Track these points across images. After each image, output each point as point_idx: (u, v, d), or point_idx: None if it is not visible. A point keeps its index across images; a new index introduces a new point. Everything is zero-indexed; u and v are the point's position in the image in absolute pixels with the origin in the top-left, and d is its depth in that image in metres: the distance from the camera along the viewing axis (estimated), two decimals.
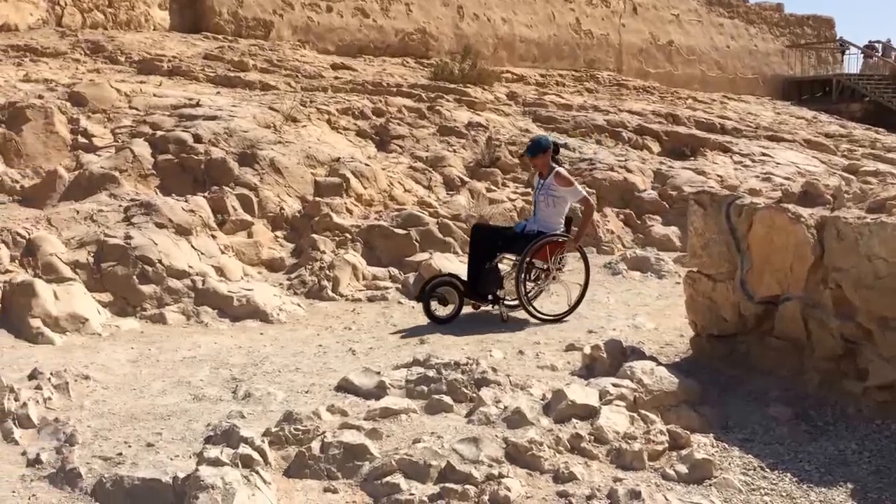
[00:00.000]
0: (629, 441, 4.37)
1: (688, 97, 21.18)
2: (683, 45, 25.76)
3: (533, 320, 7.22)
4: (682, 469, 4.18)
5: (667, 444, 4.40)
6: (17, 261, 7.37)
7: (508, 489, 3.89)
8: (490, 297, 7.24)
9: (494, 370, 5.34)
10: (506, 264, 7.41)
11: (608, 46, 24.79)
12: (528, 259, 7.11)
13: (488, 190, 11.32)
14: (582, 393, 4.82)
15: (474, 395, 5.00)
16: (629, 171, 12.53)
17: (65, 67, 13.65)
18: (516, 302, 7.25)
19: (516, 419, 4.58)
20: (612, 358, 5.53)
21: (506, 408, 4.72)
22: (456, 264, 8.40)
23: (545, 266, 7.29)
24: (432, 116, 13.80)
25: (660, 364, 5.28)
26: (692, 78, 25.33)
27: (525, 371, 5.63)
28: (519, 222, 8.03)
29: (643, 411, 4.71)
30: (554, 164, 7.46)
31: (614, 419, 4.57)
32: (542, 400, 4.90)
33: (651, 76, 24.46)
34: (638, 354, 5.62)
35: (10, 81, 12.02)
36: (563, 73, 22.27)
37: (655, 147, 14.69)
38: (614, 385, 4.93)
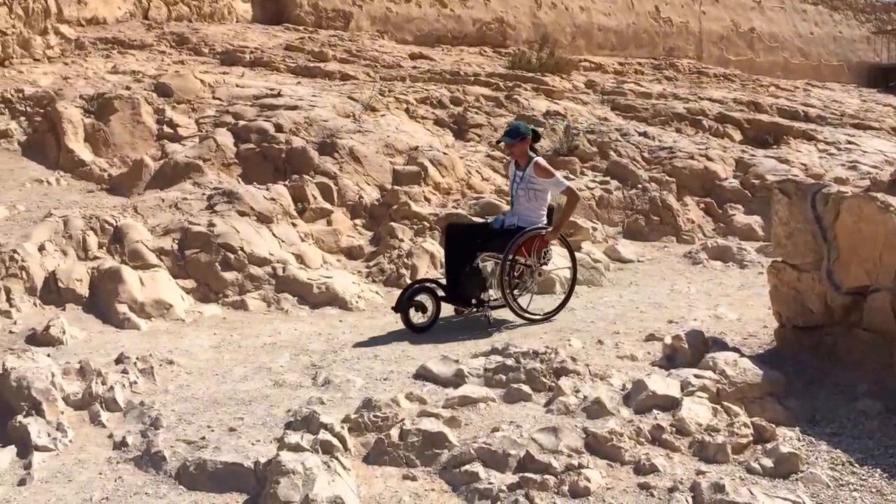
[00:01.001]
0: (712, 433, 4.23)
1: (770, 84, 20.53)
2: (765, 31, 24.98)
3: (530, 316, 6.79)
4: (768, 463, 4.02)
5: (751, 438, 4.25)
6: (104, 247, 7.60)
7: (588, 480, 3.81)
8: (474, 300, 6.67)
9: (573, 359, 5.25)
10: (487, 263, 6.80)
11: (688, 34, 24.23)
12: (510, 257, 6.58)
13: (566, 178, 11.15)
14: (663, 384, 4.70)
15: (553, 384, 4.93)
16: (710, 159, 12.21)
17: (151, 59, 14.05)
18: (501, 302, 6.72)
19: (596, 409, 4.49)
20: (694, 349, 5.38)
21: (585, 397, 4.64)
22: None
23: (529, 262, 6.76)
24: (510, 105, 13.71)
25: (743, 355, 5.11)
26: (775, 65, 24.57)
27: (604, 361, 5.52)
28: (497, 217, 7.32)
29: (726, 403, 4.56)
30: (532, 154, 6.87)
31: (696, 411, 4.43)
32: (622, 390, 4.79)
33: (732, 63, 23.82)
34: (720, 345, 5.46)
35: (98, 73, 12.44)
36: (642, 62, 21.87)
37: (737, 135, 14.29)
38: (696, 376, 4.79)
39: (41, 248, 7.16)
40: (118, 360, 5.65)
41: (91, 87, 11.49)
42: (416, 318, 6.57)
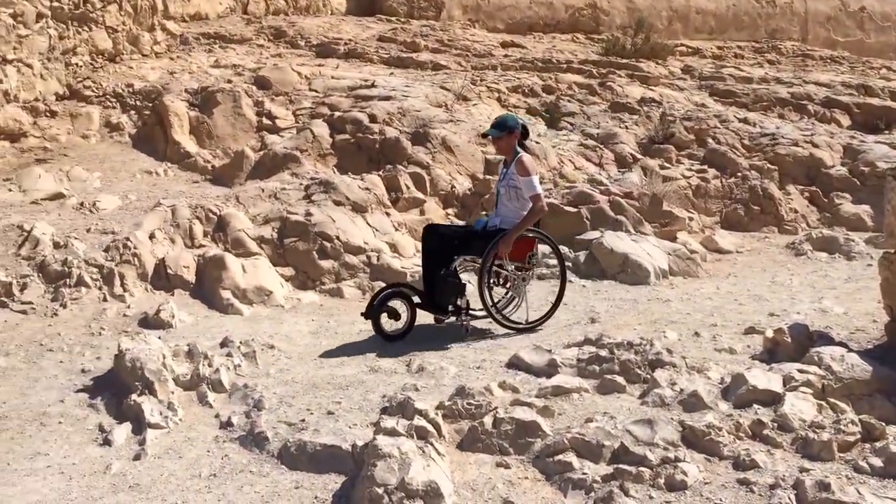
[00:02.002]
0: (817, 430, 4.11)
1: (881, 67, 19.56)
2: (877, 10, 23.82)
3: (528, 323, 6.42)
4: (877, 462, 3.89)
5: (859, 436, 4.11)
6: (209, 236, 7.89)
7: (685, 473, 3.77)
8: (451, 308, 6.19)
9: (669, 351, 5.18)
10: (466, 268, 6.42)
11: (792, 15, 23.33)
12: (490, 261, 6.15)
13: (662, 167, 10.96)
14: (764, 378, 4.59)
15: (648, 376, 4.88)
16: (815, 145, 11.75)
17: (250, 53, 14.45)
18: (483, 310, 6.30)
19: (693, 402, 4.43)
20: (797, 343, 5.23)
21: (682, 390, 4.58)
22: (627, 243, 8.21)
23: (515, 267, 6.32)
24: (603, 92, 13.53)
25: (850, 350, 4.93)
26: (887, 46, 23.42)
27: (701, 353, 5.42)
28: (479, 218, 6.79)
29: (832, 399, 4.42)
30: (520, 150, 6.39)
31: (800, 406, 4.31)
32: (721, 384, 4.70)
33: (840, 45, 22.81)
34: (826, 339, 5.28)
35: (202, 67, 12.89)
36: (742, 45, 21.19)
37: (845, 120, 13.70)
38: (800, 371, 4.66)
39: (151, 237, 7.51)
40: (223, 344, 5.89)
41: (195, 81, 11.92)
42: (389, 325, 6.17)
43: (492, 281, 6.21)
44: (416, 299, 6.25)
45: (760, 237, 9.96)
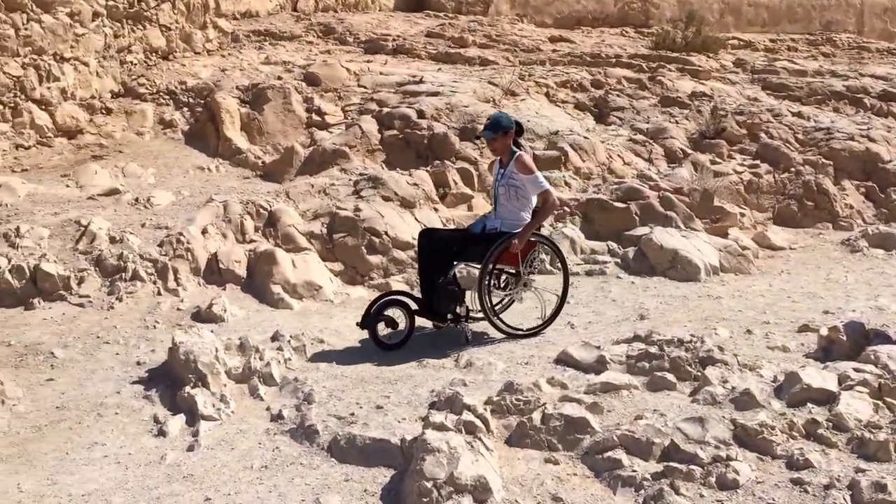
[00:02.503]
0: (873, 430, 4.03)
1: None
2: None
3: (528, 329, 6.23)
4: None
5: None
6: (260, 231, 7.99)
7: (737, 472, 3.73)
8: (450, 315, 6.00)
9: (720, 349, 5.12)
10: (464, 272, 6.13)
11: (847, 7, 22.79)
12: (490, 266, 5.93)
13: (713, 162, 10.81)
14: (818, 377, 4.51)
15: (699, 373, 4.83)
16: (872, 140, 11.47)
17: (300, 49, 14.59)
18: (482, 315, 6.10)
19: (745, 401, 4.37)
20: (853, 341, 5.13)
21: (733, 388, 4.52)
22: (678, 239, 8.11)
23: (515, 271, 6.10)
24: (653, 87, 13.37)
25: None
26: None
27: (754, 351, 5.35)
28: (476, 221, 6.52)
29: (889, 399, 4.33)
30: (515, 149, 6.18)
31: (856, 406, 4.23)
32: (773, 382, 4.64)
33: None
34: (882, 338, 5.17)
35: (252, 64, 13.05)
36: (796, 38, 20.76)
37: None
38: (856, 370, 4.58)
39: (204, 232, 7.63)
40: (273, 338, 5.97)
41: (246, 78, 12.08)
42: (386, 334, 5.98)
43: (492, 284, 6.02)
44: (414, 306, 6.06)
45: (814, 233, 9.77)
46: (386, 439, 4.35)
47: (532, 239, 6.11)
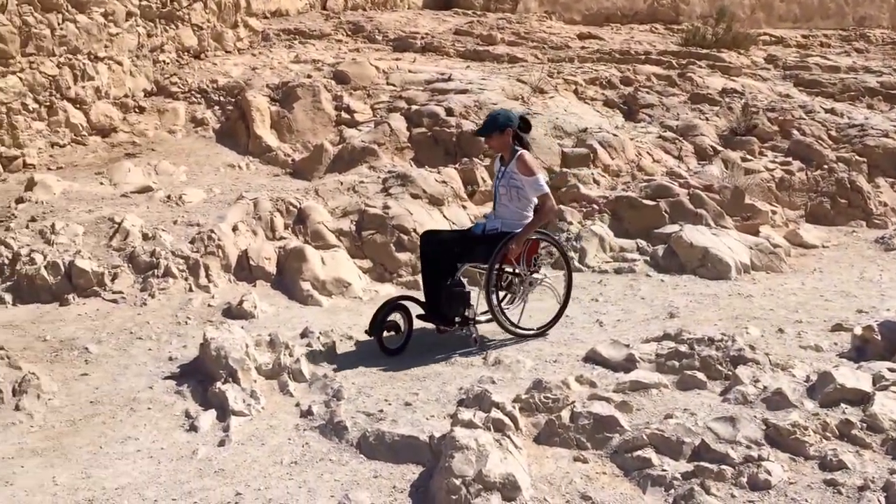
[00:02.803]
0: None
1: None
2: None
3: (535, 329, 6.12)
4: None
5: None
6: (289, 228, 8.05)
7: (769, 473, 3.69)
8: (458, 319, 5.82)
9: (752, 348, 5.07)
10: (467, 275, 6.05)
11: (881, 1, 22.43)
12: (496, 266, 5.78)
13: (743, 159, 10.70)
14: (852, 376, 4.45)
15: (730, 372, 4.79)
16: None
17: (329, 48, 14.66)
18: (488, 316, 6.00)
19: (777, 400, 4.32)
20: (888, 340, 5.06)
21: (765, 388, 4.47)
22: (708, 237, 8.04)
23: (518, 271, 5.94)
24: (683, 84, 13.26)
25: None
26: None
27: (786, 350, 5.29)
28: (477, 221, 6.31)
29: None
30: (517, 147, 5.94)
31: (891, 406, 4.16)
32: (806, 382, 4.58)
33: None
34: None
35: (282, 63, 13.14)
36: (829, 33, 20.48)
37: None
38: (890, 370, 4.52)
39: (234, 229, 7.70)
40: (303, 334, 6.01)
41: (276, 77, 12.16)
42: (389, 339, 5.86)
43: (499, 284, 5.87)
44: (419, 311, 5.94)
45: (848, 231, 9.65)
46: (414, 436, 4.36)
47: (536, 238, 5.99)
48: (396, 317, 5.87)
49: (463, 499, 3.67)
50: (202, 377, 5.39)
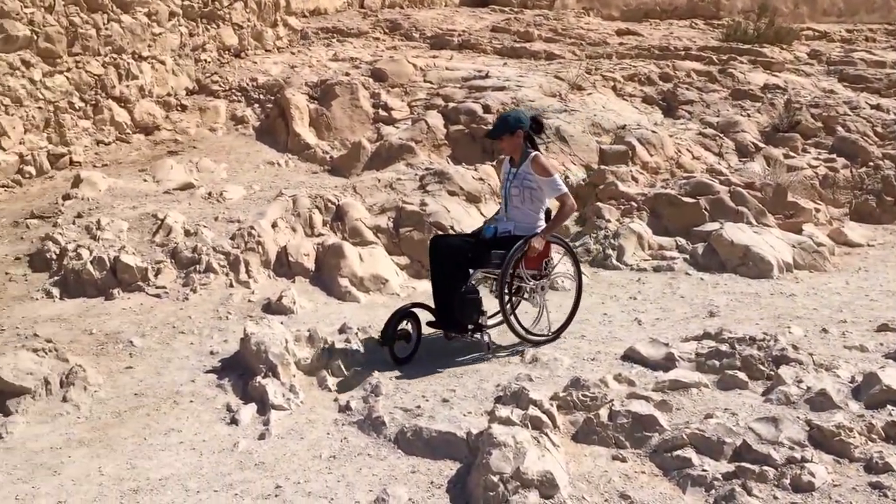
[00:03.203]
0: None
1: None
2: None
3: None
4: None
5: None
6: (328, 225, 8.12)
7: (812, 475, 3.64)
8: (471, 325, 5.68)
9: (795, 348, 5.00)
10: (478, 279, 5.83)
11: None
12: (511, 270, 5.61)
13: (786, 156, 10.54)
14: None
15: (772, 372, 4.73)
16: None
17: (367, 46, 14.73)
18: (497, 319, 5.89)
19: (820, 401, 4.26)
20: None
21: (808, 388, 4.41)
22: (749, 235, 7.94)
23: (531, 275, 5.77)
24: (724, 79, 13.10)
25: None
26: None
27: (829, 350, 5.21)
28: (487, 224, 6.02)
29: None
30: (530, 148, 5.81)
31: None
32: (851, 383, 4.51)
33: None
34: None
35: (321, 61, 13.24)
36: (874, 27, 20.07)
37: None
38: None
39: (274, 225, 7.79)
40: (341, 330, 6.05)
41: (315, 75, 12.26)
42: (399, 348, 5.67)
43: (511, 291, 5.72)
44: (429, 318, 5.80)
45: (893, 230, 9.46)
46: (452, 432, 4.38)
47: (548, 239, 5.82)
48: (408, 326, 5.72)
49: (500, 496, 3.68)
50: (242, 371, 5.47)
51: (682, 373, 4.83)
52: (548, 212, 5.92)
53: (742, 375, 4.71)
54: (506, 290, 5.63)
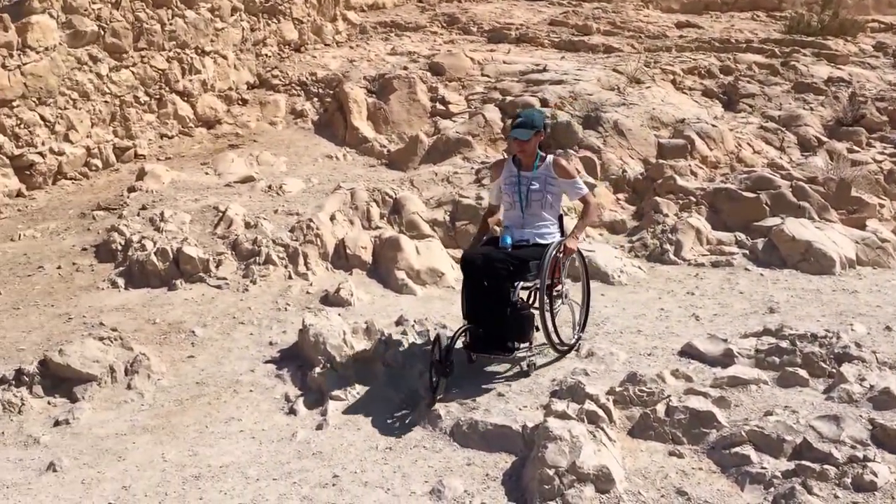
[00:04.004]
0: None
1: None
2: None
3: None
4: None
5: None
6: (385, 218, 8.19)
7: (874, 474, 3.57)
8: (521, 345, 5.15)
9: (858, 345, 4.90)
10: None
11: None
12: (549, 278, 5.15)
13: (850, 151, 10.27)
14: None
15: (833, 370, 4.64)
16: None
17: (424, 40, 14.79)
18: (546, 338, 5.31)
19: (884, 400, 4.17)
20: None
21: (871, 387, 4.32)
22: (811, 230, 7.77)
23: (557, 281, 5.34)
24: (786, 72, 12.82)
25: None
26: None
27: (893, 349, 5.08)
28: (503, 235, 5.45)
29: None
30: (540, 151, 5.48)
31: None
32: None
33: None
34: None
35: (379, 55, 13.34)
36: None
37: None
38: None
39: (332, 218, 7.89)
40: (398, 322, 6.10)
41: (373, 69, 12.36)
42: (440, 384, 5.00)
43: (552, 300, 5.25)
44: (469, 341, 5.22)
45: None
46: (507, 425, 4.40)
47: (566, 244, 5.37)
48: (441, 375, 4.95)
49: (556, 489, 3.69)
50: (301, 362, 5.56)
51: (741, 369, 4.77)
52: (560, 217, 5.58)
53: (803, 373, 4.64)
54: (550, 301, 5.21)
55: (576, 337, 5.61)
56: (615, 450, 3.99)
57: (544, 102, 10.57)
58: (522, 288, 5.19)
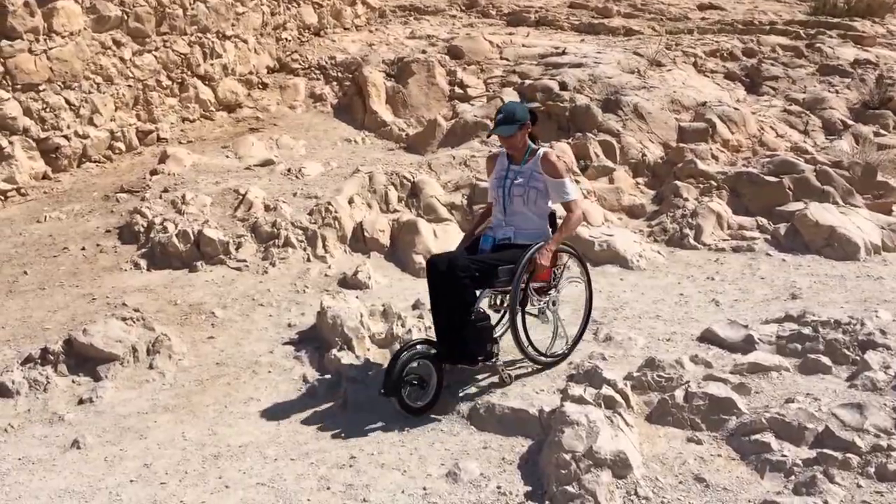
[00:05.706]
0: None
1: None
2: None
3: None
4: None
5: None
6: (403, 201, 8.17)
7: None
8: (481, 357, 4.77)
9: (883, 332, 4.83)
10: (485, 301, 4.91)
11: None
12: (522, 286, 4.81)
13: (876, 134, 10.13)
14: None
15: (857, 357, 4.58)
16: None
17: (443, 23, 14.70)
18: (501, 330, 5.05)
19: None
20: None
21: None
22: (835, 215, 7.68)
23: (538, 288, 4.97)
24: (811, 55, 12.63)
25: None
26: None
27: None
28: (484, 234, 5.13)
29: None
30: (531, 143, 5.07)
31: None
32: None
33: None
34: None
35: (398, 39, 13.28)
36: None
37: None
38: None
39: (350, 201, 7.89)
40: (415, 306, 6.11)
41: (392, 53, 12.32)
42: (414, 396, 4.68)
43: (525, 307, 4.96)
44: (433, 352, 4.78)
45: None
46: (524, 409, 4.39)
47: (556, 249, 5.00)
48: (419, 366, 4.70)
49: (573, 474, 3.68)
50: (319, 344, 5.58)
51: (762, 355, 4.73)
52: (552, 214, 5.16)
53: (825, 360, 4.59)
54: (521, 309, 4.89)
55: (563, 351, 5.19)
56: (633, 435, 3.97)
57: (563, 85, 10.48)
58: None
